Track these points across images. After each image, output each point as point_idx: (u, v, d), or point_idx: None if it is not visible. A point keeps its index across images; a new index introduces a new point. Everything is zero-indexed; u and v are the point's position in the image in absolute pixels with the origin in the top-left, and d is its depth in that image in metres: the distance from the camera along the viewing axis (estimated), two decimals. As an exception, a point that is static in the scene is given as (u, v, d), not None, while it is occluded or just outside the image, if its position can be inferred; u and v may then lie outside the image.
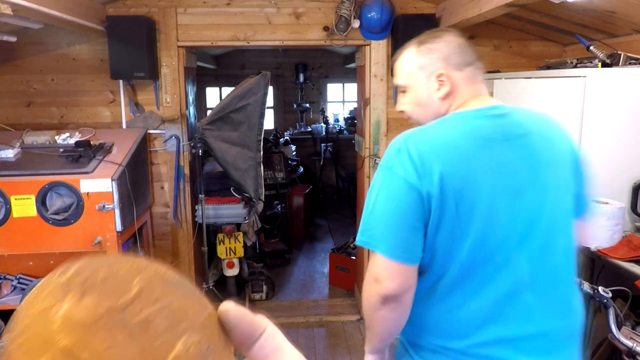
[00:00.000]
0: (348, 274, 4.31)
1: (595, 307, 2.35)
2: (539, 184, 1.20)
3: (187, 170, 3.54)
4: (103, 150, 2.90)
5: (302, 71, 7.74)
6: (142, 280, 0.31)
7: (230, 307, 0.33)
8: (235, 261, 3.91)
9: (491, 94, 3.11)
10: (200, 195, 3.54)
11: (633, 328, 1.73)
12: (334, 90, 8.56)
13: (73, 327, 0.27)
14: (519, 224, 1.16)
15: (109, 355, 0.27)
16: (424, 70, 1.31)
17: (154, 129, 3.46)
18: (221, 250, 3.84)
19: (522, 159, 1.19)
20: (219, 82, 7.70)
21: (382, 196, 1.15)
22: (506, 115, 1.24)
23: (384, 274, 1.14)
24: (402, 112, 1.38)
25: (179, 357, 0.29)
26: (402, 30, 3.28)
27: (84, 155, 2.75)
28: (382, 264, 1.14)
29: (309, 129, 7.71)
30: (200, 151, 3.45)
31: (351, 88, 8.24)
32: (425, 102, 1.31)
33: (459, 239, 1.12)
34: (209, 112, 5.15)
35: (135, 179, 2.95)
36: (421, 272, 1.18)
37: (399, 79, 1.36)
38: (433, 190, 1.09)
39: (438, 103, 1.29)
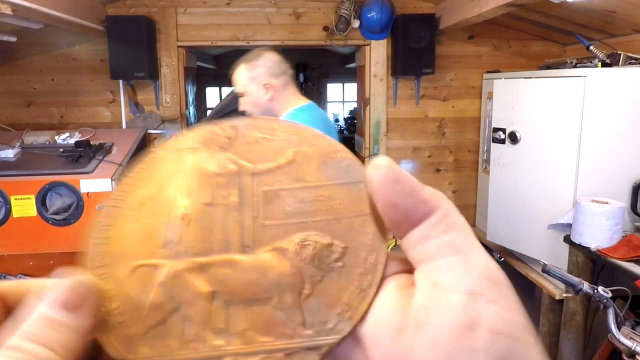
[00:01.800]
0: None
1: (595, 307, 2.35)
2: None
3: (187, 170, 3.54)
4: (103, 150, 2.90)
5: (302, 71, 7.74)
6: (301, 151, 0.26)
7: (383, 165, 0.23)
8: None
9: (491, 93, 3.11)
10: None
11: (633, 328, 1.73)
12: (334, 90, 8.56)
13: (191, 173, 0.26)
14: None
15: (207, 211, 0.25)
16: (254, 81, 1.83)
17: (154, 129, 3.46)
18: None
19: None
20: (219, 82, 7.71)
21: None
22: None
23: None
24: (244, 112, 1.87)
25: (283, 250, 0.24)
26: (402, 30, 3.28)
27: (84, 155, 2.75)
28: None
29: (309, 129, 7.71)
30: (200, 151, 3.45)
31: (351, 88, 8.24)
32: (258, 104, 1.84)
33: None
34: (209, 112, 5.15)
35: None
36: None
37: (238, 88, 1.87)
38: None
39: (267, 104, 1.82)
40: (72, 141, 2.99)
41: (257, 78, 1.83)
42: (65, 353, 0.20)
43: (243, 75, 1.85)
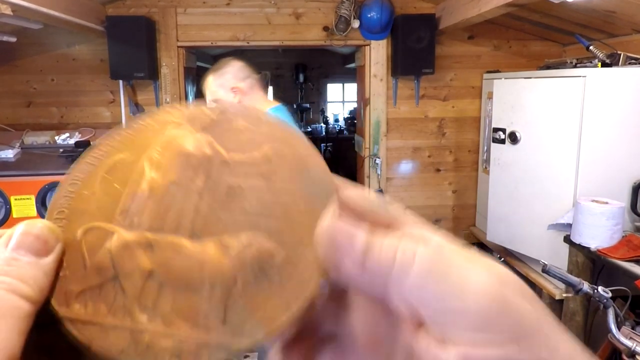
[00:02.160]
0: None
1: (595, 307, 2.35)
2: None
3: (187, 170, 3.54)
4: (103, 150, 2.90)
5: (302, 71, 7.74)
6: (278, 149, 0.26)
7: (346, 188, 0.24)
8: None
9: (491, 93, 3.11)
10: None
11: (633, 328, 1.73)
12: (333, 90, 8.56)
13: (167, 147, 0.26)
14: None
15: (170, 189, 0.25)
16: (222, 87, 1.96)
17: (154, 129, 3.46)
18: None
19: None
20: (219, 82, 7.71)
21: None
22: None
23: None
24: None
25: (230, 247, 0.24)
26: (402, 30, 3.28)
27: (84, 155, 2.75)
28: None
29: (309, 129, 7.71)
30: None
31: (351, 88, 8.24)
32: None
33: None
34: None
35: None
36: None
37: (209, 96, 1.99)
38: None
39: None
40: (72, 141, 2.99)
41: (224, 84, 1.97)
42: (34, 285, 0.21)
43: (212, 84, 1.98)
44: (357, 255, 0.20)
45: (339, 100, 8.68)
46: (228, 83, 1.96)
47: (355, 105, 6.35)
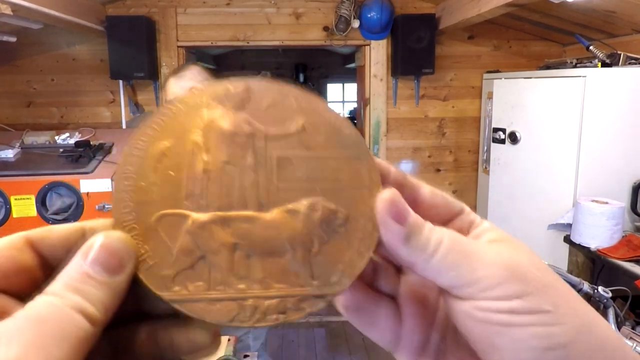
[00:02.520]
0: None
1: (595, 307, 2.35)
2: None
3: (187, 170, 3.54)
4: (103, 150, 2.90)
5: (302, 71, 7.75)
6: (311, 121, 0.28)
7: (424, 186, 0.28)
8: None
9: (491, 93, 3.11)
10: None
11: (633, 328, 1.73)
12: (334, 90, 8.56)
13: (208, 130, 0.27)
14: None
15: (226, 169, 0.27)
16: (182, 89, 2.03)
17: (154, 129, 3.46)
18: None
19: None
20: (219, 82, 7.70)
21: None
22: None
23: None
24: None
25: (295, 211, 0.27)
26: (402, 30, 3.28)
27: (83, 155, 2.75)
28: None
29: (309, 129, 7.72)
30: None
31: (351, 88, 8.24)
32: None
33: None
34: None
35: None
36: None
37: (169, 98, 2.09)
38: None
39: None
40: (72, 141, 2.99)
41: (184, 85, 2.09)
42: (101, 307, 0.22)
43: (172, 86, 2.11)
44: (402, 233, 0.25)
45: (339, 100, 8.68)
46: (187, 84, 2.09)
47: (355, 105, 6.35)
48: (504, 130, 2.86)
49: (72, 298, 0.21)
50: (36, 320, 0.20)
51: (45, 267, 0.24)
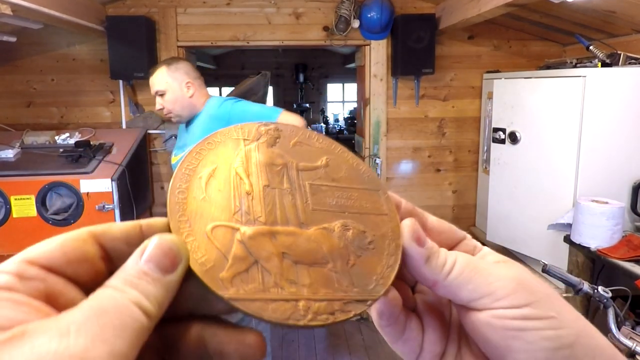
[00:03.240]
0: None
1: (595, 307, 2.35)
2: None
3: (187, 170, 3.54)
4: (103, 150, 2.90)
5: (302, 71, 7.75)
6: (332, 159, 0.34)
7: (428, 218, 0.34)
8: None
9: (491, 93, 3.11)
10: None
11: (633, 328, 1.73)
12: (334, 90, 8.56)
13: (249, 159, 0.32)
14: None
15: (266, 191, 0.32)
16: (176, 80, 2.11)
17: (154, 129, 3.46)
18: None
19: None
20: (219, 82, 7.70)
21: (253, 104, 2.19)
22: None
23: (295, 116, 2.18)
24: (161, 109, 2.14)
25: (331, 229, 0.31)
26: (402, 30, 3.28)
27: (83, 155, 2.75)
28: (288, 113, 2.12)
29: (309, 129, 7.71)
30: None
31: (351, 88, 8.24)
32: (180, 100, 2.12)
33: None
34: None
35: (135, 179, 2.95)
36: None
37: (158, 87, 2.10)
38: None
39: (188, 100, 2.13)
40: (72, 141, 2.99)
41: (178, 77, 2.12)
42: (155, 302, 0.23)
43: (164, 75, 2.11)
44: (423, 254, 0.30)
45: (339, 100, 8.68)
46: (182, 77, 2.12)
47: (355, 105, 6.34)
48: (504, 130, 2.86)
49: (131, 292, 0.23)
50: (99, 311, 0.21)
51: (107, 260, 0.26)
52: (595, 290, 1.58)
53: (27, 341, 0.19)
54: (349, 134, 7.09)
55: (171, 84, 2.12)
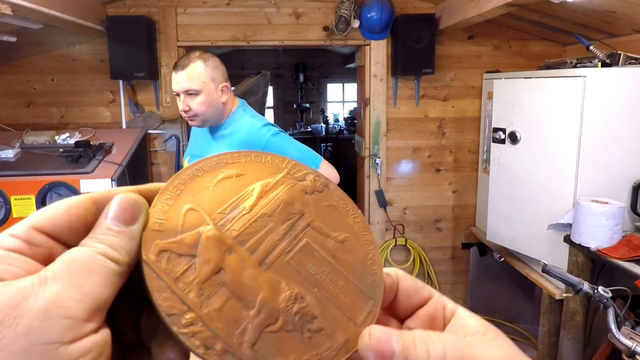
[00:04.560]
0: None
1: (595, 307, 2.35)
2: None
3: (187, 170, 3.54)
4: (103, 150, 2.90)
5: (302, 71, 7.74)
6: (352, 241, 0.32)
7: (400, 275, 0.33)
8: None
9: (491, 93, 3.11)
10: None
11: (633, 328, 1.73)
12: (333, 90, 8.56)
13: (273, 189, 0.32)
14: None
15: (262, 218, 0.31)
16: (214, 82, 1.84)
17: (154, 129, 3.46)
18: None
19: None
20: (219, 82, 7.70)
21: (294, 141, 1.90)
22: None
23: (332, 169, 1.89)
24: (186, 110, 1.83)
25: (283, 289, 0.29)
26: (402, 30, 3.28)
27: (84, 155, 2.75)
28: (327, 165, 1.89)
29: (309, 129, 7.71)
30: (200, 151, 3.45)
31: (351, 88, 8.24)
32: (214, 105, 1.85)
33: None
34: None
35: (135, 179, 2.95)
36: None
37: (193, 85, 1.80)
38: None
39: (221, 106, 1.88)
40: (72, 141, 2.99)
41: (216, 78, 1.86)
42: (122, 251, 0.27)
43: (202, 73, 1.82)
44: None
45: (339, 100, 8.67)
46: (220, 79, 1.87)
47: (355, 105, 6.34)
48: (504, 130, 2.86)
49: (97, 245, 0.26)
50: (70, 262, 0.25)
51: None
52: (595, 290, 1.58)
53: (10, 285, 0.23)
54: (349, 134, 7.09)
55: (208, 85, 1.83)
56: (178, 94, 1.85)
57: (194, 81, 1.80)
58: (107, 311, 0.25)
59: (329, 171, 1.87)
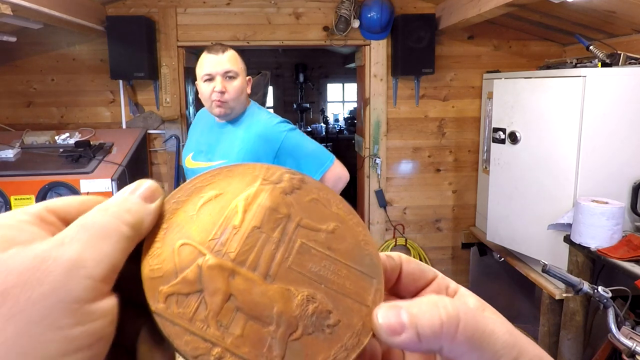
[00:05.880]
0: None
1: (595, 307, 2.35)
2: None
3: (187, 170, 3.54)
4: (103, 150, 2.90)
5: (302, 71, 7.74)
6: (342, 228, 0.32)
7: (404, 259, 0.33)
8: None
9: (491, 93, 3.11)
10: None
11: (633, 328, 1.73)
12: (333, 90, 8.56)
13: (256, 197, 0.32)
14: None
15: (253, 232, 0.30)
16: (244, 72, 1.87)
17: (154, 129, 3.46)
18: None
19: None
20: (219, 82, 7.70)
21: (309, 139, 1.89)
22: None
23: (343, 168, 1.88)
24: (222, 92, 1.79)
25: (293, 294, 0.29)
26: (402, 30, 3.29)
27: (84, 155, 2.75)
28: (339, 163, 1.86)
29: (309, 129, 7.71)
30: (200, 151, 3.45)
31: (351, 88, 8.24)
32: (244, 94, 1.86)
33: None
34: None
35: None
36: None
37: (232, 66, 1.81)
38: None
39: (246, 97, 1.89)
40: (72, 141, 2.99)
41: (245, 71, 1.88)
42: (137, 216, 0.27)
43: (239, 59, 1.85)
44: (411, 332, 0.26)
45: (339, 100, 8.67)
46: (245, 72, 1.89)
47: (355, 105, 6.34)
48: (504, 130, 2.86)
49: (113, 209, 0.27)
50: (87, 225, 0.25)
51: None
52: (595, 290, 1.58)
53: (29, 248, 0.23)
54: (349, 134, 7.09)
55: (243, 72, 1.85)
56: (211, 78, 1.81)
57: (235, 64, 1.82)
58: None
59: (339, 170, 1.87)
